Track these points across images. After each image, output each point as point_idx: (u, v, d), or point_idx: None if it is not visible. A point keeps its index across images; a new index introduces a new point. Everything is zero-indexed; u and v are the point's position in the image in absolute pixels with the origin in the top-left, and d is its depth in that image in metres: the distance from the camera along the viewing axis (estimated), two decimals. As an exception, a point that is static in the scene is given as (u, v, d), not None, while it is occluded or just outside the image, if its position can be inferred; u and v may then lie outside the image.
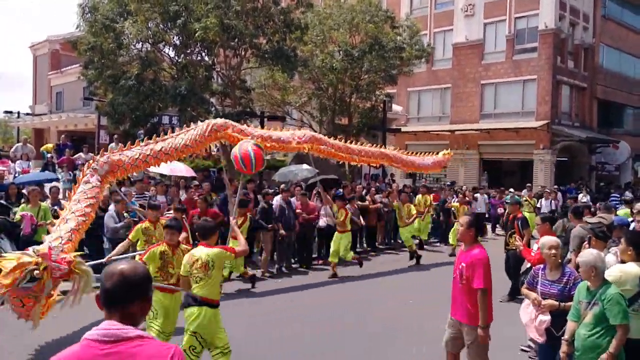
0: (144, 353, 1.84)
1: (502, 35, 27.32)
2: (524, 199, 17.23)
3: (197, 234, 5.49)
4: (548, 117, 25.65)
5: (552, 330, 4.64)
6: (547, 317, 4.65)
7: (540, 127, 25.41)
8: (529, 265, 6.72)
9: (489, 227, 17.13)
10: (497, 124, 26.88)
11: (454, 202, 15.22)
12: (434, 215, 16.46)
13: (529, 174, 26.44)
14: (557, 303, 4.62)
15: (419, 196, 14.87)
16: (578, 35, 27.97)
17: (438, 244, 15.88)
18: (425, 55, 22.62)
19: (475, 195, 17.84)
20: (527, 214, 15.33)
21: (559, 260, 4.92)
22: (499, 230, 18.35)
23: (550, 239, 5.12)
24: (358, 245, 13.74)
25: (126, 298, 1.93)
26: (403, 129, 27.34)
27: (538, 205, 17.24)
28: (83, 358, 1.83)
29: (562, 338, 4.42)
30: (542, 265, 5.08)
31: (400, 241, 14.43)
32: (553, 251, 4.83)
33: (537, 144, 26.06)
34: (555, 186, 23.51)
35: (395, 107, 27.90)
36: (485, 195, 18.44)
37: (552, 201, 18.29)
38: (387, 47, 19.65)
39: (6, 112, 33.51)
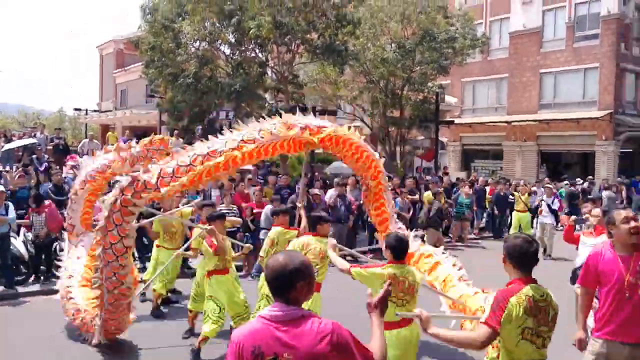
0: (306, 331, 2.13)
1: (562, 22, 26.30)
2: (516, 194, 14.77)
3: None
4: (611, 107, 24.55)
5: None
6: None
7: (603, 117, 24.36)
8: (582, 260, 6.58)
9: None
10: (557, 115, 25.97)
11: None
12: (488, 209, 16.26)
13: (590, 166, 25.45)
14: None
15: (428, 194, 13.33)
16: (645, 20, 26.50)
17: (492, 239, 15.68)
18: (480, 45, 22.18)
19: (533, 188, 17.39)
20: (518, 214, 13.98)
21: None
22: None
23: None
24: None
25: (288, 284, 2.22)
26: (457, 120, 26.92)
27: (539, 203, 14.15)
28: (260, 334, 2.15)
29: None
30: None
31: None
32: None
33: (599, 134, 25.00)
34: (619, 179, 22.54)
35: (449, 99, 27.49)
36: (543, 189, 17.90)
37: (555, 199, 14.49)
38: (438, 38, 19.44)
39: (75, 109, 35.41)
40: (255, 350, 2.12)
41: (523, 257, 3.08)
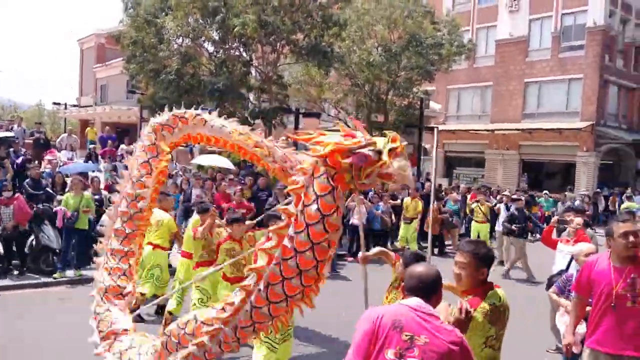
0: (444, 329, 2.41)
1: (548, 31, 26.46)
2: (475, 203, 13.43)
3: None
4: (593, 118, 24.73)
5: None
6: (583, 329, 4.40)
7: (585, 129, 24.53)
8: (559, 268, 6.51)
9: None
10: (540, 124, 26.08)
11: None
12: (468, 216, 16.12)
13: (571, 176, 25.63)
14: None
15: (407, 200, 12.95)
16: (629, 33, 26.79)
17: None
18: (466, 51, 22.17)
19: (512, 197, 17.32)
20: (477, 225, 12.72)
21: None
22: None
23: (587, 246, 4.93)
24: (389, 245, 13.60)
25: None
26: (441, 127, 26.90)
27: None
28: (402, 314, 2.41)
29: None
30: (574, 273, 4.91)
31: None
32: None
33: (580, 145, 25.18)
34: (598, 189, 22.76)
35: (433, 105, 27.48)
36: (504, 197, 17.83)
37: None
38: (424, 43, 19.36)
39: (54, 103, 34.77)
40: (396, 323, 2.36)
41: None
